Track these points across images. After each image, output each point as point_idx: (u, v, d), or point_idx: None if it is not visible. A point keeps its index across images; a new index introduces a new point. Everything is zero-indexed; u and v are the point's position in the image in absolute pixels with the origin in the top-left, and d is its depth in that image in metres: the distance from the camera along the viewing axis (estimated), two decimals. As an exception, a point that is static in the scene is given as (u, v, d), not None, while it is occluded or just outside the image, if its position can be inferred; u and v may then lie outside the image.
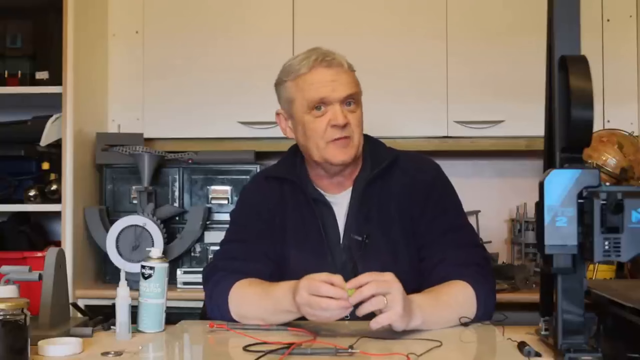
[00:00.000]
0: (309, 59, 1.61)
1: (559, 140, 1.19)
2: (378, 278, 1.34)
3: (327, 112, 1.61)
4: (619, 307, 1.22)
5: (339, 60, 1.62)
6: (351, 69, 1.66)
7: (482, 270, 1.58)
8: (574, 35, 1.20)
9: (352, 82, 1.63)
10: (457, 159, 2.95)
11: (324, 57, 1.61)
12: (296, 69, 1.62)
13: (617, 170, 2.48)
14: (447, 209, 1.67)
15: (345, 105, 1.61)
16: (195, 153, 2.79)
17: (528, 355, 1.20)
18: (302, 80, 1.62)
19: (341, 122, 1.59)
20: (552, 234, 1.14)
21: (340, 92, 1.60)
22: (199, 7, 2.87)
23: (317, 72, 1.61)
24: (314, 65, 1.60)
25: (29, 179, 2.76)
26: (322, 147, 1.62)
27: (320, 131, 1.61)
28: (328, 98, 1.60)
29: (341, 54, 1.66)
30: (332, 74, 1.60)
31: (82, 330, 1.42)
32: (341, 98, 1.60)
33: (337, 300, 1.33)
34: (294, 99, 1.64)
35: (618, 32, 2.76)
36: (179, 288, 2.57)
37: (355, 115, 1.63)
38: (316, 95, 1.60)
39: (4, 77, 2.74)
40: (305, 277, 1.39)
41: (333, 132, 1.61)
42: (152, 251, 1.49)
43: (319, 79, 1.60)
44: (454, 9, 2.79)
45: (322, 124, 1.61)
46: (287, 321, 1.47)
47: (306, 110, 1.62)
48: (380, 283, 1.33)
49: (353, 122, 1.62)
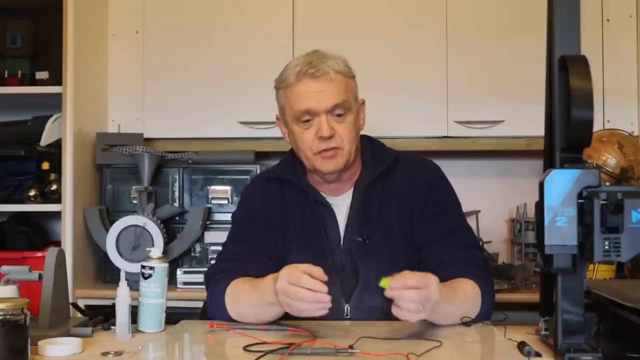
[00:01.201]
0: (296, 69, 1.60)
1: (559, 140, 1.19)
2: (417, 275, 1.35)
3: (314, 124, 1.60)
4: (619, 307, 1.22)
5: (325, 69, 1.58)
6: (345, 74, 1.62)
7: (483, 271, 1.58)
8: (574, 35, 1.20)
9: (340, 90, 1.60)
10: (457, 159, 2.95)
11: (310, 68, 1.58)
12: (286, 78, 1.62)
13: (617, 170, 2.48)
14: (446, 210, 1.67)
15: (333, 115, 1.60)
16: (195, 153, 2.79)
17: (528, 355, 1.20)
18: (290, 91, 1.62)
19: (326, 134, 1.58)
20: (552, 234, 1.14)
21: (325, 103, 1.58)
22: (198, 7, 2.87)
23: (302, 83, 1.59)
24: (299, 77, 1.59)
25: (29, 179, 2.76)
26: (311, 157, 1.63)
27: (308, 142, 1.61)
28: (313, 110, 1.59)
29: (335, 58, 1.62)
30: (317, 86, 1.58)
31: (82, 330, 1.42)
32: (327, 109, 1.59)
33: (314, 292, 1.32)
34: (284, 107, 1.66)
35: (618, 32, 2.75)
36: (179, 288, 2.57)
37: (344, 125, 1.61)
38: (302, 107, 1.60)
39: (4, 77, 2.74)
40: (287, 266, 1.39)
41: (319, 144, 1.60)
42: (152, 251, 1.49)
43: (304, 89, 1.59)
44: (454, 9, 2.79)
45: (310, 135, 1.61)
46: (276, 315, 1.47)
47: (294, 121, 1.63)
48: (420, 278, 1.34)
49: (342, 132, 1.60)
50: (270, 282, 1.43)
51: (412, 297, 1.32)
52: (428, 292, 1.34)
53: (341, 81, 1.61)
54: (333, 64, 1.60)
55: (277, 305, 1.42)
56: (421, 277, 1.35)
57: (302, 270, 1.35)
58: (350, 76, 1.64)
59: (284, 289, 1.35)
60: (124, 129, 2.89)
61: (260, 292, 1.47)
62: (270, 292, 1.42)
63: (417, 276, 1.35)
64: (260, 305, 1.48)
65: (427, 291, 1.33)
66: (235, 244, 1.70)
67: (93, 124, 2.79)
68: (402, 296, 1.32)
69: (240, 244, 1.68)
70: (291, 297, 1.35)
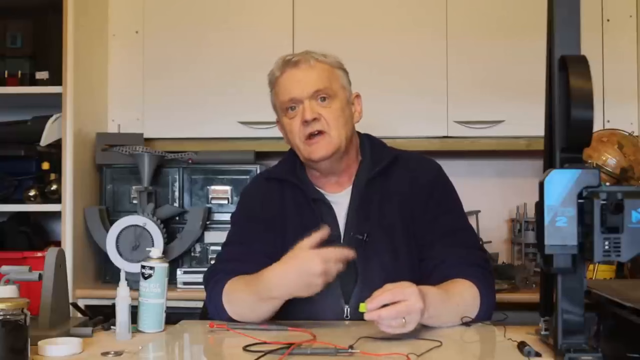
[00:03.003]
0: (279, 63, 1.66)
1: (559, 140, 1.19)
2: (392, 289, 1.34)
3: (299, 111, 1.63)
4: (619, 307, 1.22)
5: (307, 58, 1.64)
6: (329, 64, 1.66)
7: (484, 271, 1.58)
8: (574, 35, 1.20)
9: (322, 76, 1.64)
10: (457, 159, 2.95)
11: (292, 59, 1.64)
12: (272, 74, 1.68)
13: (617, 170, 2.48)
14: (448, 209, 1.67)
15: (317, 100, 1.63)
16: (195, 153, 2.79)
17: (528, 355, 1.20)
18: (277, 85, 1.67)
19: (308, 117, 1.61)
20: (552, 234, 1.14)
21: (307, 89, 1.62)
22: (198, 7, 2.87)
23: (286, 74, 1.64)
24: (284, 69, 1.65)
25: (29, 179, 2.76)
26: (301, 146, 1.65)
27: (295, 130, 1.64)
28: (297, 97, 1.63)
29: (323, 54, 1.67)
30: (298, 73, 1.63)
31: (82, 330, 1.42)
32: (309, 94, 1.62)
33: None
34: (275, 104, 1.70)
35: (618, 32, 2.75)
36: (179, 288, 2.57)
37: (329, 110, 1.63)
38: (287, 96, 1.64)
39: (4, 77, 2.75)
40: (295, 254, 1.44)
41: (305, 129, 1.63)
42: (152, 251, 1.49)
43: (288, 79, 1.64)
44: (454, 9, 2.79)
45: (297, 123, 1.64)
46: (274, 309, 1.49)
47: (283, 112, 1.67)
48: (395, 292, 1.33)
49: (327, 117, 1.62)
50: (266, 278, 1.46)
51: (391, 314, 1.31)
52: (408, 305, 1.32)
53: (323, 68, 1.65)
54: (317, 55, 1.66)
55: (274, 299, 1.46)
56: (398, 291, 1.33)
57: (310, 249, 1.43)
58: (337, 67, 1.68)
59: (325, 269, 1.40)
60: (124, 129, 2.89)
61: (255, 288, 1.48)
62: (266, 288, 1.45)
63: (393, 291, 1.33)
64: (257, 301, 1.49)
65: (407, 304, 1.32)
66: (234, 245, 1.70)
67: (93, 124, 2.79)
68: (380, 317, 1.31)
69: (238, 244, 1.68)
70: (332, 269, 1.40)
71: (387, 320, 1.31)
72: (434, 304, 1.40)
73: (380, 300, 1.31)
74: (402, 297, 1.32)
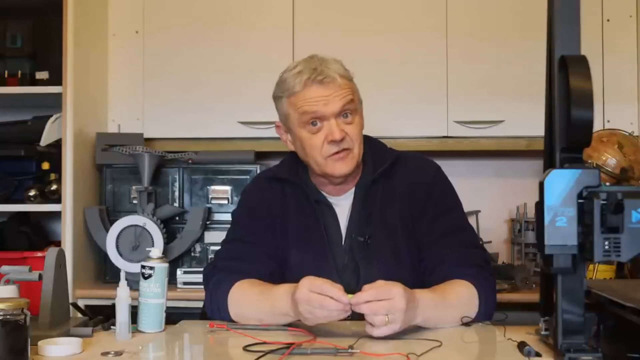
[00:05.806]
0: (302, 77, 1.59)
1: (559, 140, 1.19)
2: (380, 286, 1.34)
3: (323, 128, 1.60)
4: (619, 307, 1.22)
5: (332, 75, 1.58)
6: (348, 78, 1.62)
7: (484, 271, 1.58)
8: (574, 35, 1.20)
9: (346, 92, 1.60)
10: (457, 159, 2.95)
11: (317, 75, 1.58)
12: (290, 87, 1.61)
13: (617, 170, 2.48)
14: (448, 209, 1.67)
15: (341, 117, 1.60)
16: (195, 153, 2.79)
17: (528, 355, 1.20)
18: (296, 98, 1.60)
19: (338, 137, 1.58)
20: (552, 234, 1.14)
21: (334, 107, 1.58)
22: (199, 6, 2.87)
23: (310, 90, 1.59)
24: (306, 84, 1.59)
25: (29, 179, 2.76)
26: (322, 162, 1.62)
27: (317, 147, 1.61)
28: (322, 113, 1.59)
29: (336, 62, 1.63)
30: (325, 91, 1.58)
31: (82, 330, 1.42)
32: (336, 112, 1.59)
33: (336, 301, 1.33)
34: (289, 114, 1.64)
35: (618, 32, 2.75)
36: (179, 288, 2.57)
37: (353, 126, 1.61)
38: (310, 111, 1.59)
39: (4, 77, 2.74)
40: (307, 277, 1.39)
41: (330, 148, 1.60)
42: (152, 251, 1.49)
43: (312, 95, 1.58)
44: (454, 9, 2.79)
45: (319, 140, 1.60)
46: (283, 323, 1.47)
47: (302, 126, 1.62)
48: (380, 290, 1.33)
49: (351, 133, 1.61)
50: (283, 293, 1.44)
51: (372, 310, 1.31)
52: (390, 303, 1.32)
53: (346, 84, 1.61)
54: (337, 68, 1.61)
55: (289, 316, 1.43)
56: (384, 289, 1.33)
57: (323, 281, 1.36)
58: (351, 79, 1.65)
59: (307, 298, 1.35)
60: (124, 129, 2.89)
61: (272, 301, 1.47)
62: (285, 304, 1.42)
63: (379, 289, 1.33)
64: (272, 315, 1.47)
65: (390, 302, 1.32)
66: (234, 243, 1.69)
67: (93, 124, 2.79)
68: (361, 310, 1.32)
69: (240, 242, 1.68)
70: (314, 305, 1.34)
71: (369, 317, 1.32)
72: (427, 308, 1.40)
73: (362, 297, 1.32)
74: (387, 296, 1.32)
